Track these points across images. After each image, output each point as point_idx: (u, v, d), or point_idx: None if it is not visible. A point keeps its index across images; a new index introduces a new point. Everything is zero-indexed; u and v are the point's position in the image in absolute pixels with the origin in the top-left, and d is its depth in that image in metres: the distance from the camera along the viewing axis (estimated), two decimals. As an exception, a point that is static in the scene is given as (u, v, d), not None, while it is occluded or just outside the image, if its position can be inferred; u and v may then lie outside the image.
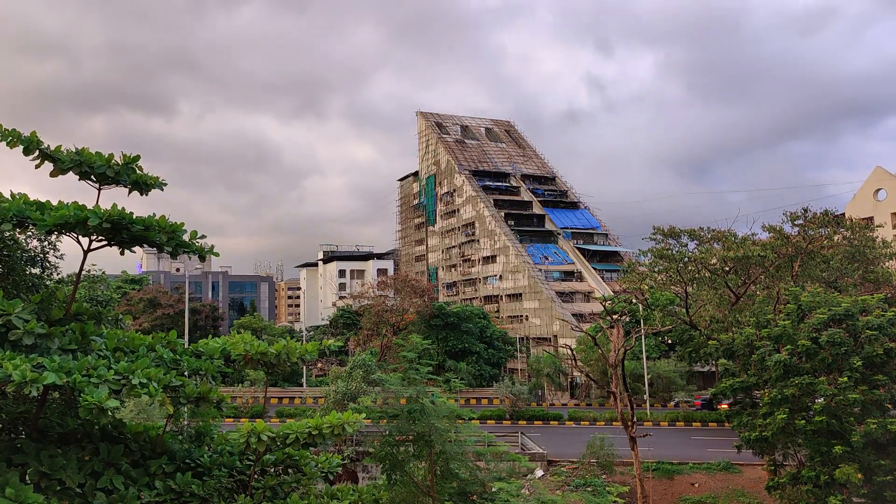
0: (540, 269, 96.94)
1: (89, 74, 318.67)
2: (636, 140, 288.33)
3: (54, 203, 9.26)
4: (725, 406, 35.04)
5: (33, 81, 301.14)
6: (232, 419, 40.54)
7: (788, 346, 26.90)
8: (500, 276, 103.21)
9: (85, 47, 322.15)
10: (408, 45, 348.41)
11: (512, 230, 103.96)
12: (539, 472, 37.46)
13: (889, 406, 25.57)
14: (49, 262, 12.29)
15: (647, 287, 54.94)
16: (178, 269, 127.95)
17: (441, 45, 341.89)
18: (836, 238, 49.60)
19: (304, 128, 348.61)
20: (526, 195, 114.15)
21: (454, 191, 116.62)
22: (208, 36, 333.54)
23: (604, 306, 43.01)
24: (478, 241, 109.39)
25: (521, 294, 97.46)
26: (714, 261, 50.88)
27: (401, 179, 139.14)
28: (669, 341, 64.65)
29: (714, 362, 56.51)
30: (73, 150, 9.30)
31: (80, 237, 9.33)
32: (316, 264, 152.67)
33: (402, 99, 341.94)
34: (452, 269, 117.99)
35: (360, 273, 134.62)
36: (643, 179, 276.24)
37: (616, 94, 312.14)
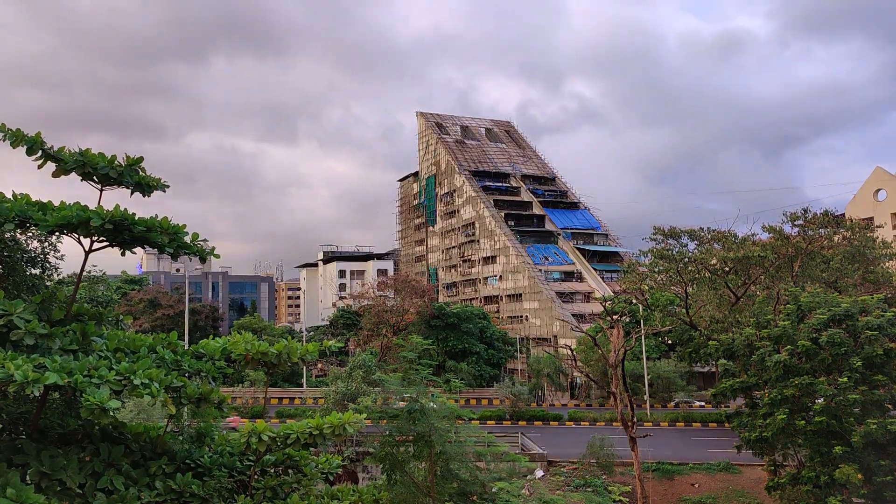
0: (540, 270, 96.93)
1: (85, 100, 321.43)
2: (598, 153, 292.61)
3: (54, 204, 9.29)
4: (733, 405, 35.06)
5: (24, 111, 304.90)
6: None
7: (788, 347, 26.91)
8: (500, 276, 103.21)
9: (91, 80, 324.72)
10: (357, 77, 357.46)
11: (512, 230, 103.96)
12: (539, 473, 37.46)
13: (889, 406, 25.57)
14: (49, 262, 12.29)
15: (647, 287, 54.96)
16: (178, 270, 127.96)
17: (386, 77, 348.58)
18: (836, 238, 49.60)
19: (282, 146, 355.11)
20: (526, 195, 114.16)
21: (454, 191, 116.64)
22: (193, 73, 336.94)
23: (604, 307, 43.06)
24: (478, 241, 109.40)
25: (521, 294, 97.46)
26: (714, 261, 50.87)
27: (401, 180, 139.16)
28: (669, 342, 64.64)
29: (714, 363, 56.52)
30: (76, 151, 9.32)
31: (81, 238, 9.35)
32: (316, 265, 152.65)
33: (364, 119, 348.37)
34: (452, 270, 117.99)
35: (361, 273, 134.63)
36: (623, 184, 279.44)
37: (562, 117, 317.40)
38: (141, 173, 9.66)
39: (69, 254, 12.86)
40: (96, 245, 9.56)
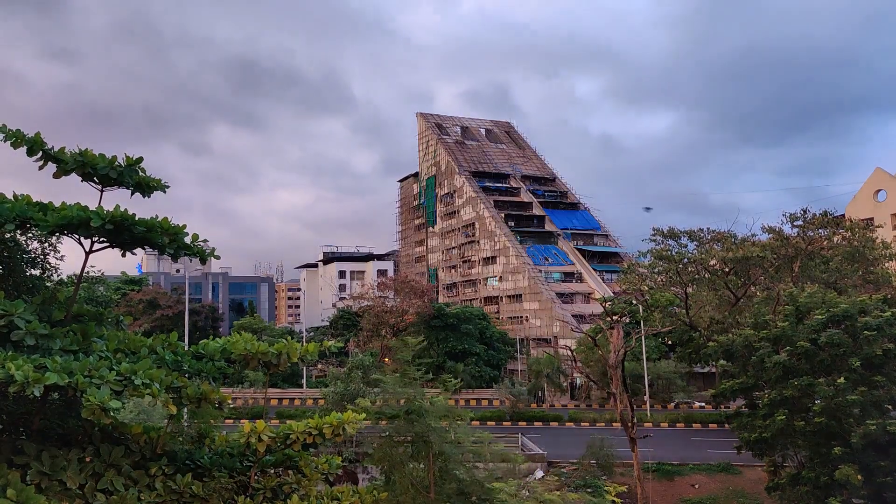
0: (540, 270, 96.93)
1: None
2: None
3: (55, 204, 9.30)
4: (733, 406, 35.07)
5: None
6: (232, 420, 40.52)
7: (788, 348, 26.92)
8: (500, 277, 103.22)
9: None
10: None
11: (512, 231, 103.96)
12: (539, 473, 37.46)
13: (888, 407, 25.58)
14: (49, 263, 12.30)
15: (646, 288, 54.97)
16: (178, 271, 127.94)
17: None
18: (835, 239, 49.65)
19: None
20: (526, 196, 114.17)
21: (454, 192, 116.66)
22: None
23: (604, 307, 43.00)
24: (478, 242, 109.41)
25: (521, 295, 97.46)
26: (714, 262, 50.94)
27: (401, 180, 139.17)
28: (669, 342, 64.65)
29: (714, 363, 56.53)
30: (77, 152, 9.35)
31: (82, 238, 9.37)
32: (316, 265, 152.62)
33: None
34: (452, 270, 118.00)
35: (360, 274, 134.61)
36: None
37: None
38: (141, 174, 9.68)
39: (69, 255, 12.88)
40: (97, 246, 9.58)
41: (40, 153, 9.24)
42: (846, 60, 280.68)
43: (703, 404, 60.53)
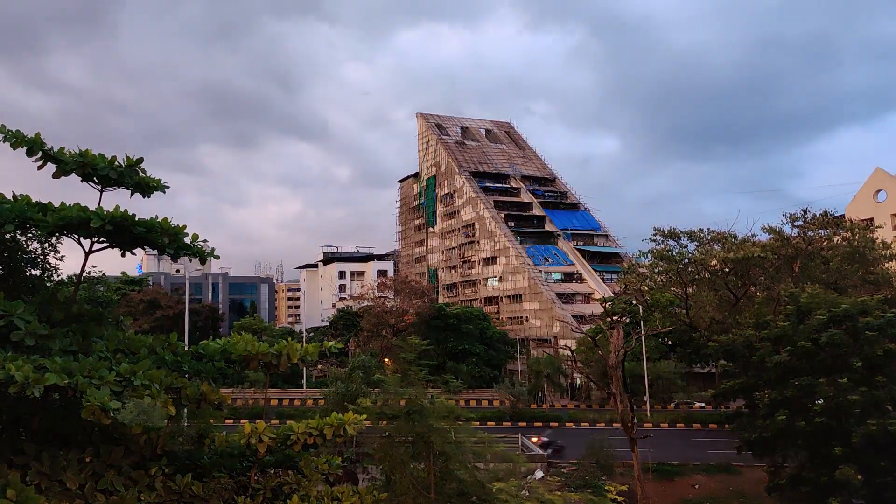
0: (540, 271, 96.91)
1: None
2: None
3: (54, 205, 9.29)
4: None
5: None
6: (232, 420, 40.51)
7: (788, 348, 26.88)
8: (500, 277, 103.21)
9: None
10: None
11: (512, 231, 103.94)
12: (539, 473, 37.44)
13: (889, 407, 25.56)
14: (49, 263, 12.28)
15: (646, 289, 54.97)
16: (178, 271, 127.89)
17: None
18: (835, 239, 49.64)
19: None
20: (526, 196, 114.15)
21: (454, 192, 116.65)
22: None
23: (604, 307, 43.00)
24: (478, 242, 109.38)
25: (521, 295, 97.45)
26: (714, 262, 50.93)
27: (401, 181, 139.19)
28: (670, 342, 64.65)
29: (714, 363, 56.50)
30: (76, 152, 9.34)
31: (81, 239, 9.36)
32: (316, 266, 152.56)
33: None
34: (452, 271, 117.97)
35: (360, 274, 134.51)
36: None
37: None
38: (141, 174, 9.67)
39: (69, 255, 12.87)
40: (96, 246, 9.57)
41: (40, 153, 9.24)
42: (751, 86, 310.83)
43: (703, 405, 60.50)
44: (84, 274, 10.49)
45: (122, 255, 9.85)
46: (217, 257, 10.28)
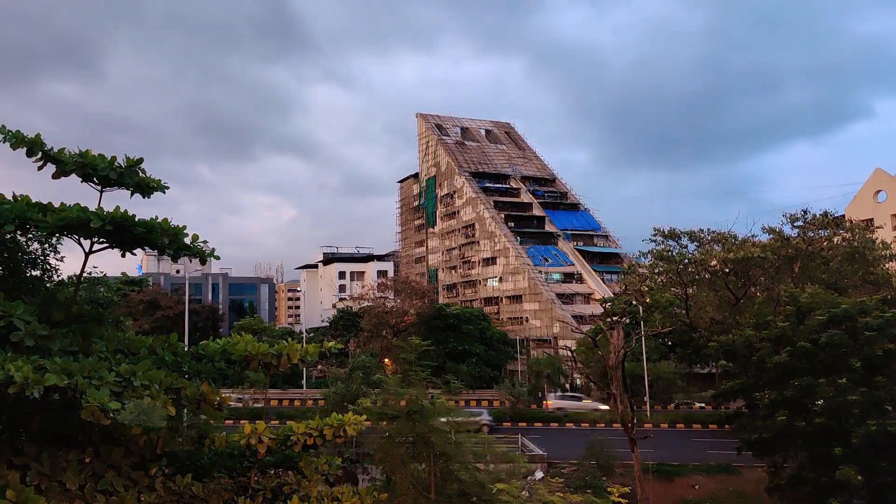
0: (540, 271, 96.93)
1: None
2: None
3: (54, 205, 9.29)
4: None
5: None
6: (232, 421, 40.50)
7: (788, 348, 26.89)
8: (500, 277, 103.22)
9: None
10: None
11: (512, 232, 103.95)
12: (539, 474, 37.42)
13: (889, 408, 25.57)
14: (49, 264, 12.28)
15: (646, 289, 54.98)
16: (178, 272, 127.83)
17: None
18: (835, 240, 49.66)
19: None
20: (526, 197, 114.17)
21: (454, 192, 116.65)
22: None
23: (604, 308, 43.04)
24: (478, 242, 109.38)
25: (521, 296, 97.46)
26: (714, 262, 50.94)
27: (401, 181, 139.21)
28: (670, 343, 64.65)
29: (714, 364, 56.50)
30: (76, 153, 9.34)
31: (81, 239, 9.35)
32: (315, 266, 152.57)
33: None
34: (452, 271, 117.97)
35: (360, 275, 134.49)
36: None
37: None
38: (141, 174, 9.67)
39: (69, 255, 12.86)
40: (96, 246, 9.56)
41: (40, 154, 9.23)
42: (700, 103, 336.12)
43: (703, 405, 60.49)
44: (84, 274, 10.49)
45: (123, 255, 9.85)
46: (217, 257, 10.28)
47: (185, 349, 10.64)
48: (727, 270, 49.29)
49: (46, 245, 11.87)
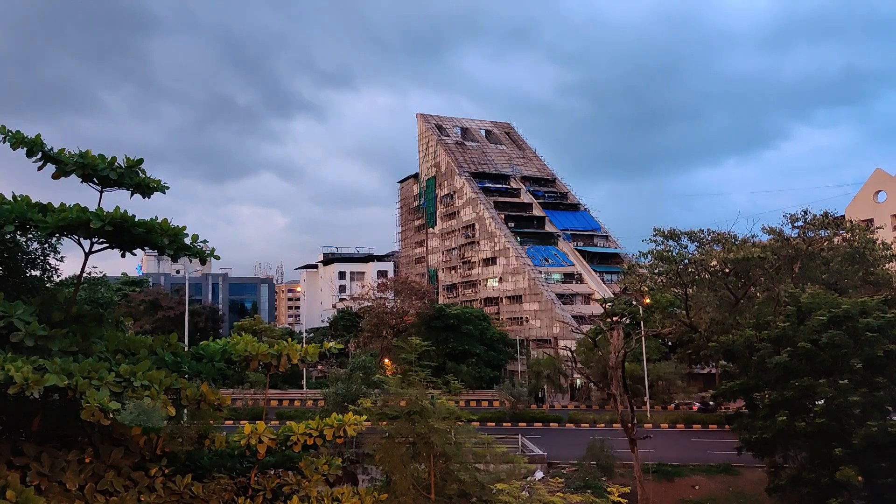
0: (540, 272, 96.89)
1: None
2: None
3: (54, 206, 9.28)
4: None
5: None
6: (232, 421, 40.47)
7: (788, 348, 26.87)
8: (500, 278, 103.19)
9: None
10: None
11: (512, 232, 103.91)
12: (539, 474, 37.40)
13: (889, 408, 25.55)
14: (49, 264, 12.27)
15: (646, 289, 54.95)
16: (178, 272, 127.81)
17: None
18: (835, 240, 49.62)
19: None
20: (526, 197, 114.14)
21: (454, 193, 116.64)
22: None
23: (604, 308, 43.02)
24: (478, 242, 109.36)
25: (521, 296, 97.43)
26: (714, 263, 50.88)
27: (401, 181, 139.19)
28: (670, 343, 64.62)
29: (714, 364, 56.48)
30: (77, 153, 9.33)
31: (81, 239, 9.35)
32: (316, 266, 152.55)
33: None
34: (452, 271, 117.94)
35: (360, 275, 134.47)
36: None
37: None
38: (141, 175, 9.66)
39: (69, 255, 12.85)
40: (96, 247, 9.56)
41: (40, 154, 9.23)
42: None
43: (702, 406, 60.49)
44: (84, 275, 10.48)
45: (122, 255, 9.84)
46: (217, 257, 10.28)
47: (186, 350, 10.63)
48: (727, 271, 49.23)
49: (46, 245, 11.87)
